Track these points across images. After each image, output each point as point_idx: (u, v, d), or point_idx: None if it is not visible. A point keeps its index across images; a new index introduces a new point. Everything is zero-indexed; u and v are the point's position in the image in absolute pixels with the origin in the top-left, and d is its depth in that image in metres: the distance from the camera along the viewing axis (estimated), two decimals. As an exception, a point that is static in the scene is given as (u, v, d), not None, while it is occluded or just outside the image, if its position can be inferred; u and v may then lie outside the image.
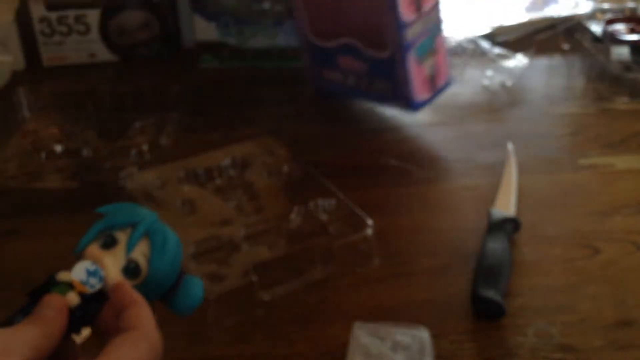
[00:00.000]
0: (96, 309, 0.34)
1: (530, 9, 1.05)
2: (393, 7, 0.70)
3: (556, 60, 0.97)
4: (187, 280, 0.36)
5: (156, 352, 0.33)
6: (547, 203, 0.67)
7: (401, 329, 0.50)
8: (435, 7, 0.75)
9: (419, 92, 0.78)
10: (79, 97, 0.90)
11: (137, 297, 0.34)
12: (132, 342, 0.32)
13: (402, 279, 0.58)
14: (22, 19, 0.94)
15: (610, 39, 0.93)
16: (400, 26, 0.71)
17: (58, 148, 0.76)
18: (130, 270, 0.34)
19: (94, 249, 0.34)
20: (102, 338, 0.34)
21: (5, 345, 0.30)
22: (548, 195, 0.68)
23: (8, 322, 0.32)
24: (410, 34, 0.72)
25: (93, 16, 0.94)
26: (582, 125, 0.82)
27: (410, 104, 0.78)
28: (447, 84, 0.81)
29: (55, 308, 0.32)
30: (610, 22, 0.97)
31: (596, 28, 0.99)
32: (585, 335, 0.52)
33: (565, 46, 0.99)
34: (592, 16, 1.02)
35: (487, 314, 0.54)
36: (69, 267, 0.34)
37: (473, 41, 0.96)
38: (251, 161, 0.72)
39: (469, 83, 0.87)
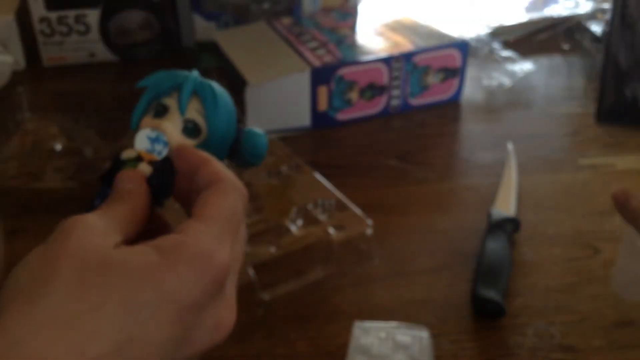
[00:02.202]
0: (171, 174, 0.33)
1: (530, 9, 1.05)
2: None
3: (556, 60, 0.97)
4: (248, 131, 0.35)
5: (245, 199, 0.32)
6: (547, 203, 0.67)
7: (401, 329, 0.50)
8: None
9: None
10: (79, 97, 0.90)
11: (206, 155, 0.33)
12: (222, 192, 0.31)
13: (402, 279, 0.58)
14: (22, 19, 0.94)
15: (610, 39, 0.93)
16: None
17: (58, 148, 0.76)
18: (190, 129, 0.33)
19: (147, 120, 0.34)
20: (184, 208, 0.33)
21: (101, 226, 0.29)
22: (548, 195, 0.68)
23: (90, 209, 0.31)
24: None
25: (93, 16, 0.94)
26: (582, 125, 0.82)
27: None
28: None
29: (133, 180, 0.32)
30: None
31: (596, 28, 0.99)
32: (585, 335, 0.52)
33: (565, 46, 0.99)
34: (592, 16, 1.02)
35: (487, 314, 0.54)
36: None
37: (481, 40, 0.96)
38: (251, 161, 0.72)
39: (469, 83, 0.87)
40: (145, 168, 0.32)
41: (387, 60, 0.80)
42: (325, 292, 0.57)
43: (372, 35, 0.85)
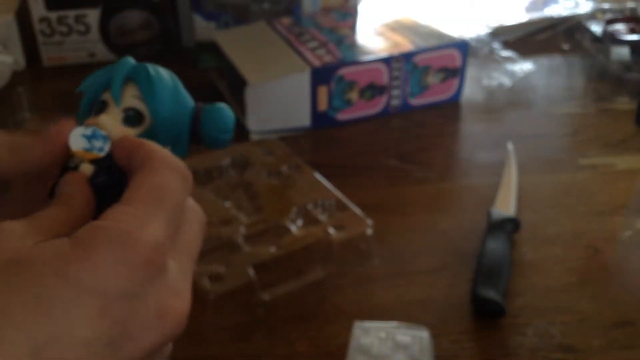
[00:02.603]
0: (117, 171, 0.30)
1: (530, 9, 1.05)
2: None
3: (556, 60, 0.97)
4: (207, 107, 0.33)
5: (184, 176, 0.29)
6: (547, 203, 0.67)
7: (401, 329, 0.50)
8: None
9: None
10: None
11: (139, 140, 0.30)
12: (150, 171, 0.28)
13: (402, 279, 0.58)
14: (22, 19, 0.94)
15: (610, 39, 0.93)
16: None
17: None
18: (131, 117, 0.31)
19: (88, 120, 0.31)
20: None
21: (19, 229, 0.26)
22: (548, 195, 0.68)
23: None
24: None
25: (93, 16, 0.94)
26: (582, 125, 0.82)
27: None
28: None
29: (72, 183, 0.29)
30: (610, 22, 0.97)
31: (596, 28, 0.99)
32: (585, 335, 0.52)
33: (565, 46, 0.99)
34: (592, 16, 1.02)
35: (487, 314, 0.54)
36: None
37: (481, 40, 0.96)
38: (251, 161, 0.72)
39: (469, 83, 0.87)
40: (85, 168, 0.30)
41: (387, 60, 0.80)
42: (325, 292, 0.57)
43: (372, 35, 0.85)
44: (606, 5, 1.04)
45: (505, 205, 0.64)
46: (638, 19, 0.97)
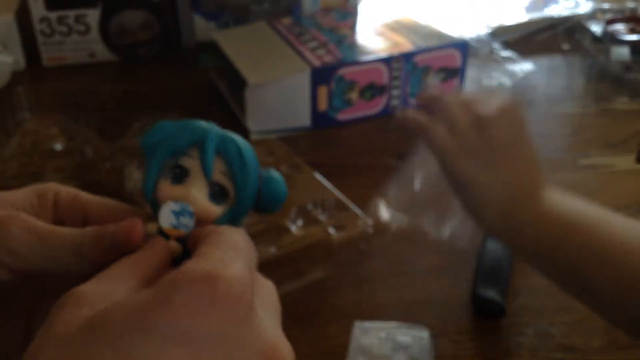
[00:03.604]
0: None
1: (530, 9, 1.05)
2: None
3: (556, 60, 0.97)
4: (267, 178, 0.31)
5: (252, 247, 0.27)
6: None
7: (401, 329, 0.50)
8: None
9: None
10: (79, 97, 0.90)
11: (222, 228, 0.27)
12: (220, 231, 0.26)
13: (402, 279, 0.58)
14: (22, 19, 0.94)
15: (610, 39, 0.94)
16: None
17: (58, 148, 0.76)
18: (217, 194, 0.29)
19: (166, 187, 0.28)
20: None
21: (93, 291, 0.24)
22: (548, 195, 0.68)
23: None
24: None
25: (93, 16, 0.94)
26: (582, 125, 0.82)
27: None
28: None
29: (155, 246, 0.27)
30: (610, 22, 0.97)
31: (596, 28, 0.99)
32: (585, 335, 0.52)
33: (565, 46, 0.99)
34: (592, 16, 1.02)
35: (487, 314, 0.54)
36: None
37: (481, 40, 0.96)
38: (251, 161, 0.72)
39: (469, 83, 0.87)
40: (174, 246, 0.28)
41: (387, 60, 0.80)
42: (325, 292, 0.57)
43: (372, 35, 0.85)
44: (606, 5, 1.04)
45: None
46: (638, 19, 0.97)
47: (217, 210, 0.29)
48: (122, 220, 0.28)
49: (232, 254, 0.25)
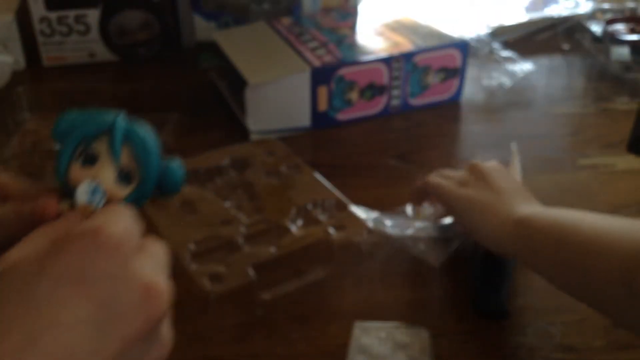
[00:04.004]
0: None
1: (530, 9, 1.05)
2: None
3: (556, 60, 0.97)
4: (168, 164, 0.35)
5: (137, 220, 0.32)
6: (547, 203, 0.67)
7: (401, 329, 0.50)
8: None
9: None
10: (79, 97, 0.90)
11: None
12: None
13: (402, 279, 0.58)
14: (22, 19, 0.94)
15: (610, 39, 0.94)
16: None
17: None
18: (123, 176, 0.33)
19: (77, 169, 0.33)
20: None
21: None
22: (548, 195, 0.68)
23: None
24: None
25: (93, 16, 0.94)
26: (582, 125, 0.82)
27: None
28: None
29: (67, 217, 0.32)
30: (610, 22, 0.97)
31: (596, 28, 0.99)
32: (585, 335, 0.52)
33: (565, 46, 0.99)
34: (592, 16, 1.02)
35: (489, 315, 0.53)
36: None
37: (481, 40, 0.96)
38: (251, 161, 0.72)
39: (469, 83, 0.87)
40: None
41: (387, 60, 0.80)
42: (326, 292, 0.57)
43: (372, 35, 0.85)
44: (606, 5, 1.04)
45: None
46: (638, 19, 0.97)
47: (123, 190, 0.33)
48: (39, 198, 0.33)
49: (115, 216, 0.30)
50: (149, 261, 0.30)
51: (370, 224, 0.61)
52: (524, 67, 0.92)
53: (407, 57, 0.80)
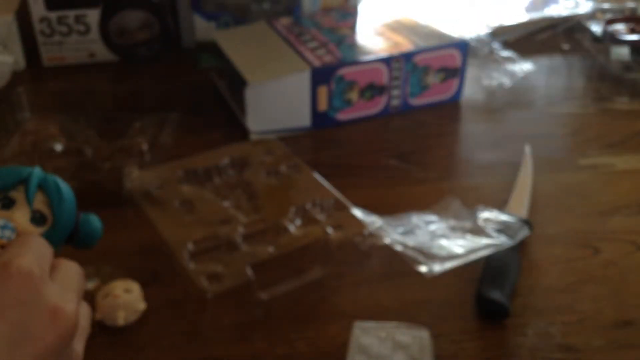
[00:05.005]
0: None
1: (530, 9, 1.05)
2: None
3: (556, 60, 0.97)
4: (85, 218, 0.39)
5: (48, 247, 0.35)
6: (547, 203, 0.67)
7: (401, 329, 0.50)
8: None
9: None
10: (79, 97, 0.90)
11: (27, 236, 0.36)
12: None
13: (402, 279, 0.58)
14: (22, 19, 0.94)
15: (610, 39, 0.93)
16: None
17: (58, 148, 0.76)
18: (37, 219, 0.37)
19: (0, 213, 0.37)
20: None
21: None
22: (548, 195, 0.68)
23: None
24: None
25: (93, 16, 0.94)
26: (582, 125, 0.82)
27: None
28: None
29: None
30: (610, 22, 0.97)
31: (596, 28, 0.99)
32: (585, 335, 0.52)
33: (565, 46, 0.99)
34: (592, 16, 1.02)
35: (491, 315, 0.53)
36: None
37: (481, 40, 0.96)
38: (250, 161, 0.72)
39: (469, 83, 0.87)
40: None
41: (387, 60, 0.80)
42: (325, 292, 0.57)
43: (372, 35, 0.85)
44: (606, 5, 1.04)
45: (518, 208, 0.64)
46: (638, 19, 0.97)
47: (35, 230, 0.37)
48: None
49: (25, 247, 0.34)
50: (58, 286, 0.34)
51: (371, 229, 0.61)
52: (524, 67, 0.92)
53: (407, 57, 0.80)
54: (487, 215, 0.61)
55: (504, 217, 0.61)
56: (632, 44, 0.92)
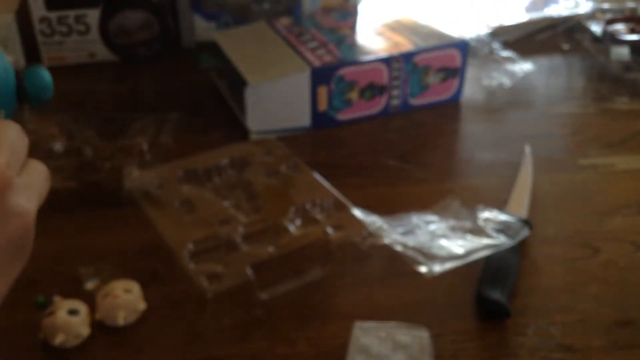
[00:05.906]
0: None
1: (530, 9, 1.05)
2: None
3: (556, 60, 0.97)
4: (29, 71, 0.37)
5: (19, 132, 0.34)
6: (547, 203, 0.67)
7: (401, 329, 0.50)
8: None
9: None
10: (79, 97, 0.90)
11: None
12: None
13: (402, 279, 0.58)
14: (22, 19, 0.94)
15: (610, 39, 0.93)
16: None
17: (58, 148, 0.76)
18: None
19: None
20: None
21: None
22: (548, 195, 0.68)
23: None
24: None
25: (93, 16, 0.94)
26: (582, 125, 0.82)
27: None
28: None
29: None
30: (610, 22, 0.97)
31: (596, 28, 0.99)
32: (585, 335, 0.52)
33: (565, 46, 0.99)
34: (592, 16, 1.02)
35: (491, 315, 0.53)
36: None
37: (481, 40, 0.96)
38: (250, 161, 0.72)
39: (469, 83, 0.87)
40: None
41: (387, 60, 0.80)
42: (325, 292, 0.57)
43: (372, 35, 0.85)
44: (606, 5, 1.04)
45: (518, 208, 0.64)
46: (638, 19, 0.97)
47: None
48: None
49: (1, 141, 0.33)
50: (22, 185, 0.34)
51: (371, 229, 0.61)
52: (523, 67, 0.92)
53: (407, 57, 0.80)
54: (487, 215, 0.61)
55: (504, 217, 0.61)
56: (632, 44, 0.92)
